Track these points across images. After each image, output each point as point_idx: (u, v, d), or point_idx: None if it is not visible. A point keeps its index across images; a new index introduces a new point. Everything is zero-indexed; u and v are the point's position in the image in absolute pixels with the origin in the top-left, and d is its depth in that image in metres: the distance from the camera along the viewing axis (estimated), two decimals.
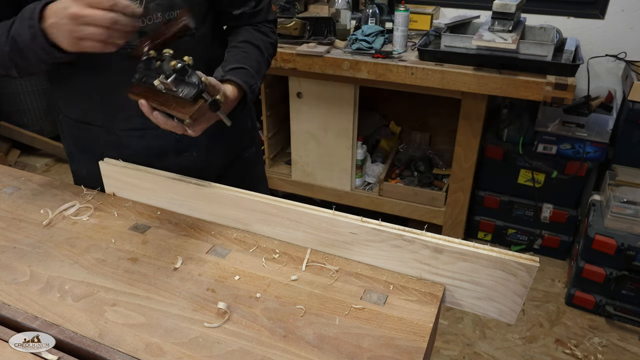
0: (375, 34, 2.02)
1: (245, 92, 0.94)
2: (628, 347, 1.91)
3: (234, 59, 0.97)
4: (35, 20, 0.76)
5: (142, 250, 0.87)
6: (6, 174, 1.11)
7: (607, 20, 2.19)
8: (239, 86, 0.93)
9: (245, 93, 0.94)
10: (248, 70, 0.96)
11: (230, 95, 0.90)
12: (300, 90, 2.18)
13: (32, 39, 0.77)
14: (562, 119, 2.15)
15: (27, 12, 0.78)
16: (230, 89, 0.91)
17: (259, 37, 1.05)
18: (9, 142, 3.26)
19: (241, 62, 0.96)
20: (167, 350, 0.67)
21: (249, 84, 0.94)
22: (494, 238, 2.45)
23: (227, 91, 0.89)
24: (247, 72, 0.95)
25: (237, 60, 0.96)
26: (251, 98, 0.96)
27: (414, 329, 0.71)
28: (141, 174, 0.98)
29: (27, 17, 0.77)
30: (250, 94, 0.95)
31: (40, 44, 0.77)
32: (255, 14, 1.06)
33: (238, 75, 0.93)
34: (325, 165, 2.32)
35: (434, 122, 2.63)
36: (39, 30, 0.76)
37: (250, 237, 0.91)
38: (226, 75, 0.92)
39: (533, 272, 0.72)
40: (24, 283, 0.79)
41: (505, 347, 1.91)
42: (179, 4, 0.92)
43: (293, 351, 0.67)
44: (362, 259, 0.84)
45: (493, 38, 1.75)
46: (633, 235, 1.89)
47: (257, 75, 0.98)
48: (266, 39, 1.06)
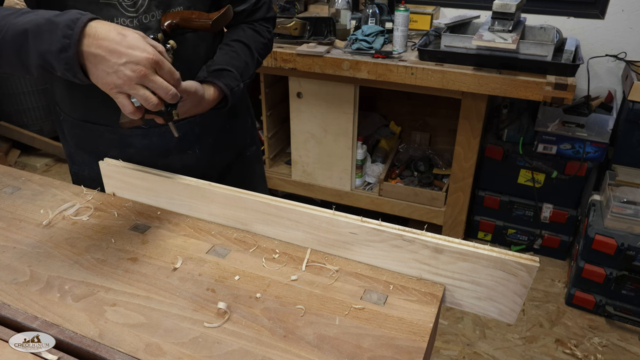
0: (375, 34, 2.02)
1: (225, 94, 0.96)
2: (628, 347, 1.91)
3: (221, 59, 0.98)
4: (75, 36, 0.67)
5: (142, 250, 0.87)
6: (6, 174, 1.11)
7: (607, 20, 2.19)
8: (220, 89, 0.95)
9: (226, 96, 0.96)
10: (232, 72, 0.97)
11: (209, 98, 0.92)
12: (300, 90, 2.18)
13: (60, 51, 0.68)
14: (562, 119, 2.15)
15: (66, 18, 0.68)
16: (212, 91, 0.93)
17: (252, 37, 1.05)
18: (9, 142, 3.26)
19: (227, 63, 0.97)
20: (167, 350, 0.67)
21: (230, 87, 0.96)
22: (494, 238, 2.45)
23: (207, 92, 0.92)
24: (230, 74, 0.97)
25: (223, 61, 0.98)
26: (232, 100, 0.98)
27: (414, 329, 0.71)
28: (141, 174, 0.98)
29: (65, 25, 0.68)
30: (232, 96, 0.96)
31: (66, 59, 0.68)
32: (255, 11, 1.07)
33: (221, 77, 0.95)
34: (325, 165, 2.33)
35: (434, 122, 2.63)
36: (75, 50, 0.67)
37: (250, 237, 0.91)
38: (208, 77, 0.94)
39: (533, 272, 0.72)
40: (24, 283, 0.79)
41: (505, 347, 1.91)
42: (179, 1, 0.93)
43: (293, 351, 0.67)
44: (362, 259, 0.84)
45: (493, 38, 1.75)
46: (633, 235, 1.89)
47: (241, 76, 0.99)
48: (259, 39, 1.07)
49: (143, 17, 0.91)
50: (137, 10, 0.90)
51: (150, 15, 0.91)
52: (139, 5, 0.90)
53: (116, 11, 0.89)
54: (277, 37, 2.12)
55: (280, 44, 2.09)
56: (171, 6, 0.92)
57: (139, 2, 0.90)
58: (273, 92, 2.40)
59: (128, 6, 0.89)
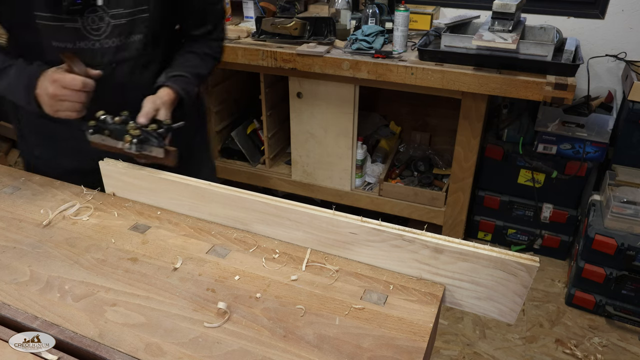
0: (375, 34, 2.02)
1: (182, 97, 1.10)
2: (628, 347, 1.91)
3: (178, 66, 1.14)
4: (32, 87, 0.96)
5: (142, 250, 0.87)
6: (6, 174, 1.11)
7: (607, 20, 2.19)
8: (177, 92, 1.09)
9: (182, 98, 1.10)
10: (187, 77, 1.12)
11: (168, 101, 1.06)
12: (300, 90, 2.18)
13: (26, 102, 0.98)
14: (562, 119, 2.15)
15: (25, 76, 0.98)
16: (171, 94, 1.07)
17: (203, 49, 1.21)
18: (9, 142, 3.26)
19: (182, 70, 1.13)
20: (167, 350, 0.67)
21: (186, 90, 1.11)
22: (494, 238, 2.45)
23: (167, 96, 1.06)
24: (186, 79, 1.12)
25: (179, 68, 1.13)
26: (188, 102, 1.12)
27: (414, 329, 0.71)
28: (141, 174, 0.98)
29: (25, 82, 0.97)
30: (187, 98, 1.11)
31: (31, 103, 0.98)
32: (209, 34, 1.22)
33: (178, 82, 1.09)
34: (325, 165, 2.32)
35: (434, 122, 2.63)
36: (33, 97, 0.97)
37: (250, 237, 0.91)
38: (167, 82, 1.08)
39: (533, 272, 0.72)
40: (24, 283, 0.79)
41: (505, 347, 1.91)
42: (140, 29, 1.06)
43: (293, 351, 0.67)
44: (362, 259, 0.84)
45: (493, 38, 1.75)
46: (633, 235, 1.89)
47: (195, 82, 1.15)
48: (209, 52, 1.22)
49: (104, 42, 1.04)
50: (100, 35, 1.03)
51: (112, 40, 1.04)
52: (102, 31, 1.02)
53: (80, 35, 1.01)
54: (277, 37, 2.12)
55: (280, 44, 2.09)
56: (132, 34, 1.05)
57: (102, 28, 1.02)
58: (273, 92, 2.40)
59: (92, 30, 1.02)
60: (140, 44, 1.08)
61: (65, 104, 0.94)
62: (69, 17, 0.98)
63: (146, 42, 1.08)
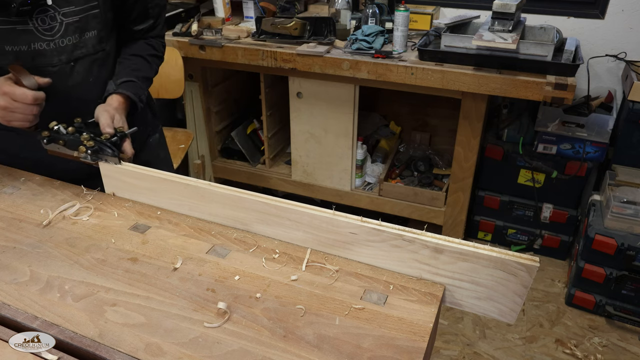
0: (375, 34, 2.02)
1: (134, 101, 1.13)
2: (628, 347, 1.91)
3: (125, 72, 1.16)
4: None
5: (142, 250, 0.87)
6: (6, 174, 1.11)
7: (607, 20, 2.19)
8: (130, 98, 1.11)
9: (135, 102, 1.13)
10: (136, 82, 1.15)
11: (120, 107, 1.08)
12: (300, 90, 2.18)
13: None
14: (562, 119, 2.15)
15: None
16: (122, 100, 1.10)
17: (147, 51, 1.23)
18: None
19: (131, 75, 1.15)
20: (167, 350, 0.67)
21: (138, 95, 1.14)
22: (494, 238, 2.45)
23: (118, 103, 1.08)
24: (136, 84, 1.15)
25: (127, 74, 1.15)
26: (140, 105, 1.15)
27: (414, 329, 0.71)
28: (141, 174, 0.98)
29: None
30: (139, 102, 1.14)
31: None
32: (151, 29, 1.24)
33: (128, 88, 1.12)
34: (325, 165, 2.33)
35: (434, 122, 2.63)
36: None
37: (250, 237, 0.91)
38: (118, 89, 1.11)
39: (533, 272, 0.72)
40: (24, 283, 0.79)
41: (505, 347, 1.91)
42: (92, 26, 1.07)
43: (293, 351, 0.67)
44: (362, 259, 0.84)
45: (493, 38, 1.75)
46: (633, 235, 1.89)
47: (144, 85, 1.18)
48: (154, 52, 1.25)
49: (60, 41, 1.03)
50: (54, 35, 1.02)
51: (67, 39, 1.03)
52: (55, 30, 1.02)
53: (33, 36, 1.00)
54: (277, 37, 2.12)
55: (280, 44, 2.09)
56: (86, 31, 1.06)
57: (56, 27, 1.02)
58: (273, 92, 2.40)
59: (45, 30, 1.01)
60: (95, 39, 1.09)
61: (17, 115, 0.95)
62: (20, 19, 0.97)
63: (100, 37, 1.10)
